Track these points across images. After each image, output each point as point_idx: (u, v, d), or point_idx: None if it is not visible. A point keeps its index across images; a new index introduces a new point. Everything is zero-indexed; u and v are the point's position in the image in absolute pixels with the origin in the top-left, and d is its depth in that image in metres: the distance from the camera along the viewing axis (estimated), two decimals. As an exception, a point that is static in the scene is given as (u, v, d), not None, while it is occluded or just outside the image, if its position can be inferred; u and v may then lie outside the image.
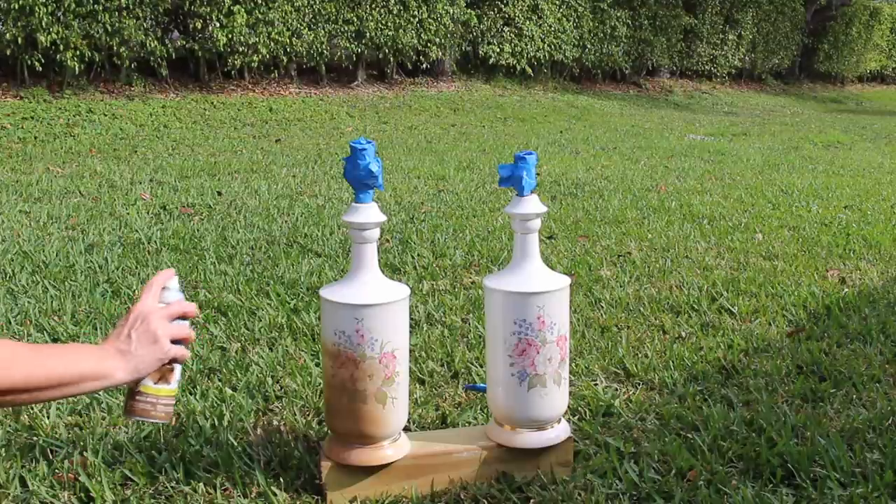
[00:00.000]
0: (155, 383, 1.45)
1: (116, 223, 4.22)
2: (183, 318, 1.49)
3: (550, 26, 14.63)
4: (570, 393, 2.22)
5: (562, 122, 11.49)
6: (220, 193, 5.10)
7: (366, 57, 12.51)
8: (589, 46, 15.45)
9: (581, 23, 15.19)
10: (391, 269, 3.46)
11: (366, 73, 12.81)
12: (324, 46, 11.52)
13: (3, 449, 1.90)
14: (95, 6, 9.04)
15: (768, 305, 3.09)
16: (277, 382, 2.31)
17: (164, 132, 8.47)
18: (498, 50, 13.98)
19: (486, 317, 1.84)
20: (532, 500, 1.77)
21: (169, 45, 10.03)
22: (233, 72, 11.03)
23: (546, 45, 14.59)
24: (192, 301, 1.44)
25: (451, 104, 12.24)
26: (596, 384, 2.36)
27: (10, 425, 2.01)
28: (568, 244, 3.99)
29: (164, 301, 1.49)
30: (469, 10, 13.35)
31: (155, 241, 3.84)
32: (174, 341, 1.46)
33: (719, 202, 5.24)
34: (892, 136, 10.91)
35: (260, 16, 10.55)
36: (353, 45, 11.91)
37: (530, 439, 1.82)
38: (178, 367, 1.49)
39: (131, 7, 9.35)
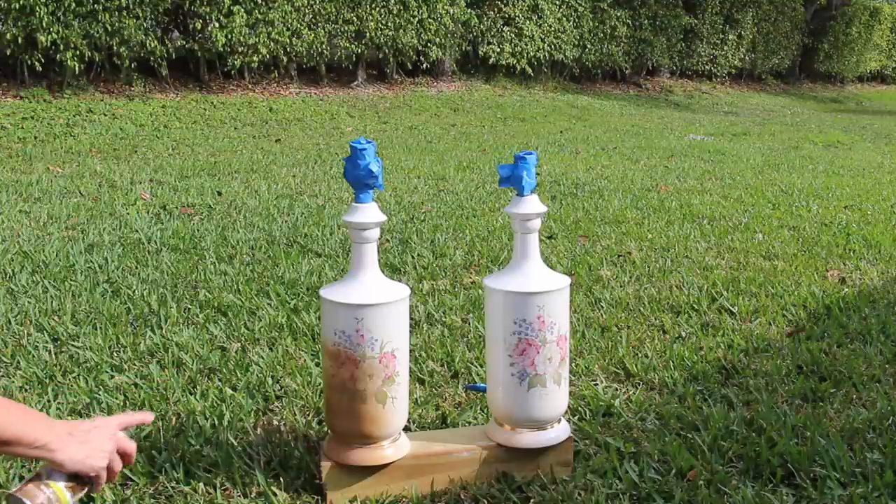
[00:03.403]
0: (64, 487, 1.44)
1: (116, 223, 4.22)
2: (123, 457, 1.52)
3: (550, 26, 14.63)
4: (570, 393, 2.22)
5: (562, 122, 11.49)
6: (220, 193, 5.09)
7: (366, 57, 12.51)
8: (589, 46, 15.45)
9: (581, 23, 15.19)
10: (391, 269, 3.46)
11: (366, 73, 12.81)
12: (324, 46, 11.52)
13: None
14: (95, 6, 9.05)
15: (768, 305, 3.09)
16: (277, 382, 2.31)
17: (164, 132, 8.48)
18: (498, 50, 13.98)
19: (486, 317, 1.84)
20: (532, 500, 1.77)
21: (169, 45, 10.03)
22: (233, 72, 11.04)
23: (546, 45, 14.60)
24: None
25: (451, 104, 12.25)
26: (596, 384, 2.36)
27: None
28: (568, 244, 3.99)
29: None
30: (469, 10, 13.35)
31: (155, 241, 3.84)
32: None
33: (719, 202, 5.24)
34: (892, 136, 10.92)
35: (260, 16, 10.55)
36: (353, 45, 11.91)
37: (530, 439, 1.82)
38: (83, 491, 1.48)
39: (131, 7, 9.35)
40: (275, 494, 1.75)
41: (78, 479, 1.45)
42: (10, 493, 1.40)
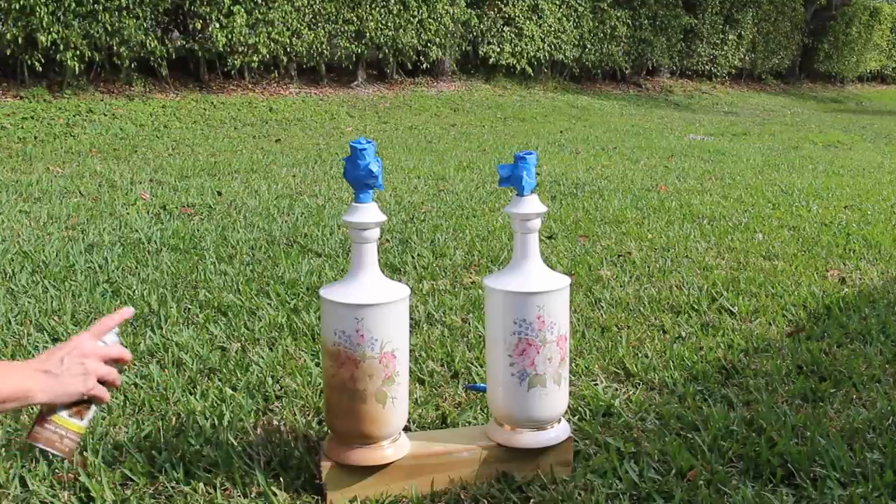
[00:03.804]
0: (69, 416, 1.43)
1: (116, 223, 4.22)
2: (116, 362, 1.49)
3: (550, 26, 14.64)
4: (570, 393, 2.22)
5: (562, 122, 11.49)
6: (220, 193, 5.10)
7: (366, 57, 12.51)
8: (589, 46, 15.46)
9: (581, 23, 15.19)
10: (391, 269, 3.46)
11: (366, 73, 12.81)
12: (324, 46, 11.53)
13: (3, 449, 1.90)
14: (95, 6, 9.05)
15: (768, 305, 3.09)
16: (277, 382, 2.31)
17: (164, 132, 8.48)
18: (498, 50, 13.98)
19: (486, 317, 1.84)
20: (532, 500, 1.77)
21: (169, 45, 10.03)
22: (233, 72, 11.04)
23: (546, 45, 14.60)
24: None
25: (451, 104, 12.25)
26: (596, 384, 2.36)
27: (9, 425, 2.01)
28: (568, 244, 3.99)
29: (104, 341, 1.50)
30: (469, 10, 13.36)
31: (155, 241, 3.84)
32: (101, 382, 1.46)
33: (719, 202, 5.24)
34: (892, 136, 10.92)
35: (260, 16, 10.55)
36: (353, 45, 11.91)
37: (530, 439, 1.82)
38: (94, 408, 1.47)
39: (131, 7, 9.35)
40: (275, 494, 1.75)
41: (79, 402, 1.43)
42: (24, 441, 1.40)
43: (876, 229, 4.47)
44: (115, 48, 9.43)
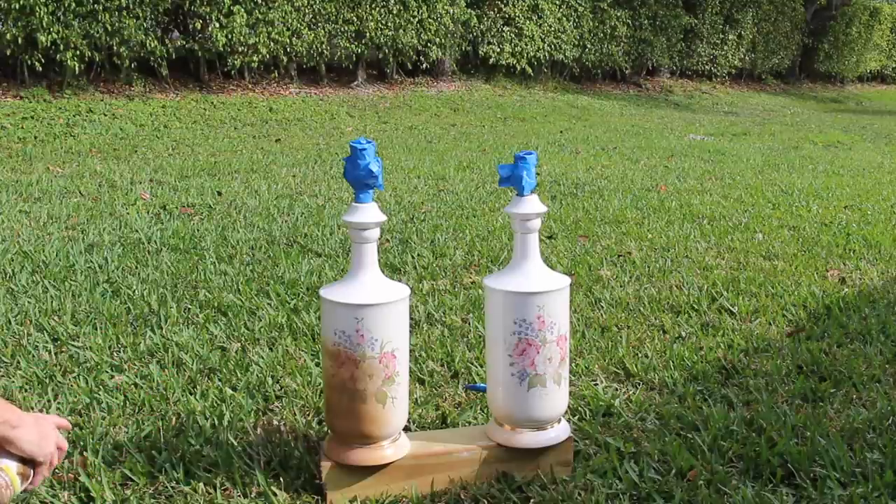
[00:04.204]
0: (16, 472, 1.43)
1: (116, 223, 4.22)
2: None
3: (550, 26, 14.63)
4: (570, 393, 2.22)
5: (562, 122, 11.49)
6: (220, 193, 5.09)
7: (366, 57, 12.51)
8: (589, 46, 15.45)
9: (581, 23, 15.19)
10: (391, 269, 3.46)
11: (366, 73, 12.81)
12: (324, 46, 11.52)
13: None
14: (95, 6, 9.05)
15: (768, 305, 3.09)
16: (277, 382, 2.31)
17: (164, 132, 8.47)
18: (498, 50, 13.98)
19: (486, 317, 1.84)
20: (532, 500, 1.77)
21: (169, 45, 10.03)
22: (233, 72, 11.04)
23: (546, 45, 14.60)
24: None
25: (451, 104, 12.25)
26: (596, 384, 2.36)
27: None
28: (568, 244, 3.99)
29: None
30: (469, 10, 13.35)
31: (155, 241, 3.84)
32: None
33: (719, 202, 5.24)
34: (892, 136, 10.92)
35: (260, 16, 10.55)
36: (353, 45, 11.91)
37: (530, 439, 1.82)
38: (27, 483, 1.47)
39: (131, 7, 9.35)
40: (275, 494, 1.75)
41: (29, 464, 1.44)
42: None
43: (876, 229, 4.47)
44: (115, 48, 9.43)
